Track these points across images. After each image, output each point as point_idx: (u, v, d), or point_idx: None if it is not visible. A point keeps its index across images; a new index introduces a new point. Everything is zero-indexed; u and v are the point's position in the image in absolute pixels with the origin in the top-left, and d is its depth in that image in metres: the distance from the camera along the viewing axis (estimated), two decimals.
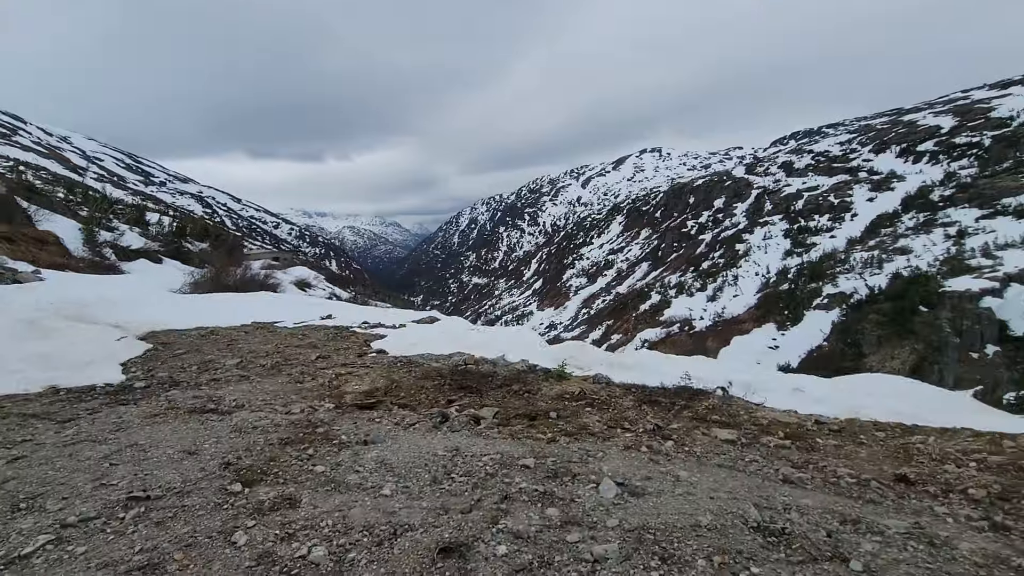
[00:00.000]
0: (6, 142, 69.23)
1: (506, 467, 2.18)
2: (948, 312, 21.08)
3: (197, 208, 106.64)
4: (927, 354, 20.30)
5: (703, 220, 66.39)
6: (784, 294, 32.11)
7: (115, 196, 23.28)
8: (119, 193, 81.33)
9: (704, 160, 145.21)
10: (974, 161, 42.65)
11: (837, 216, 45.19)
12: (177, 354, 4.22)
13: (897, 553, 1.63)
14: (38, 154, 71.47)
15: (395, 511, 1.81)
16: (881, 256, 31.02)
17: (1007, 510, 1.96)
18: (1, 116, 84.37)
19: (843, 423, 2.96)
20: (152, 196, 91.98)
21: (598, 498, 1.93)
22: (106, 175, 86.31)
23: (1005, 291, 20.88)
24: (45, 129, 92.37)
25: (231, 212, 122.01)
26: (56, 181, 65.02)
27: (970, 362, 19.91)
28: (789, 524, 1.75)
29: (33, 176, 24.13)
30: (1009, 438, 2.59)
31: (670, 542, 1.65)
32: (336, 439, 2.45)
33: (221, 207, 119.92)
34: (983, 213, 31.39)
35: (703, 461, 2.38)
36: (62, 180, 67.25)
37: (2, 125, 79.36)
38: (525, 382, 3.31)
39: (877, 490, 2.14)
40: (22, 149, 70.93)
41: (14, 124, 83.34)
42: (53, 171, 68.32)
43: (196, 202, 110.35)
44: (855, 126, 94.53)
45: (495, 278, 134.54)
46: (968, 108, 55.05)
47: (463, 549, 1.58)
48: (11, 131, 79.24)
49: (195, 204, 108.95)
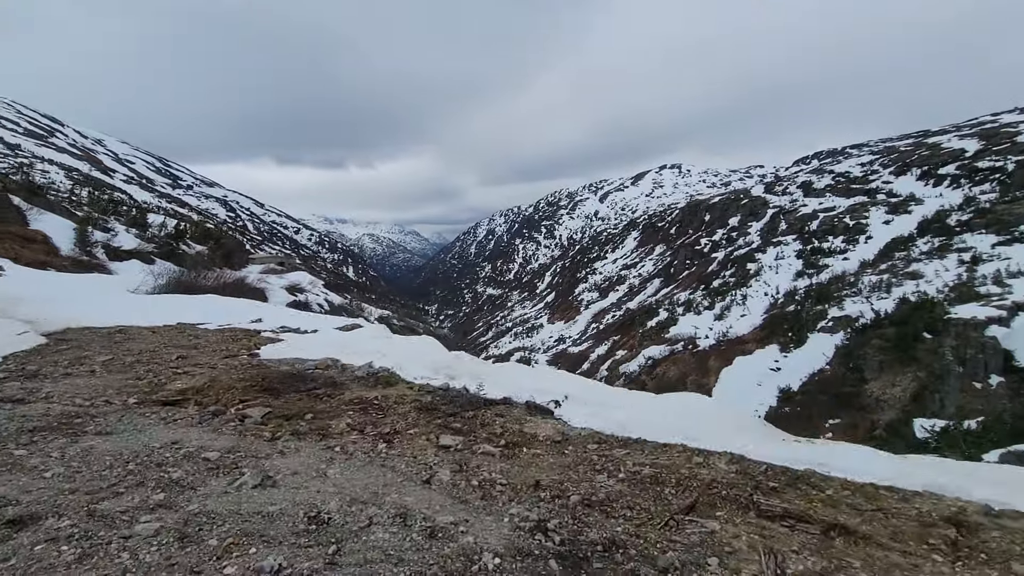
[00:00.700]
0: (42, 143, 72.49)
1: (189, 458, 2.26)
2: (952, 340, 20.37)
3: (221, 211, 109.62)
4: (928, 382, 19.62)
5: (717, 238, 65.61)
6: (790, 315, 31.42)
7: (119, 197, 24.02)
8: (145, 195, 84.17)
9: (724, 178, 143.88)
10: (996, 186, 41.40)
11: (852, 238, 44.15)
12: (62, 350, 4.36)
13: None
14: (72, 156, 74.59)
15: (31, 490, 1.89)
16: (891, 280, 30.16)
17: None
18: (40, 118, 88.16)
19: (582, 434, 3.01)
20: (177, 199, 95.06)
21: (226, 487, 2.01)
22: (135, 177, 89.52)
23: (1012, 320, 20.12)
24: (81, 132, 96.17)
25: (253, 216, 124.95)
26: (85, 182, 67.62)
27: (972, 392, 19.13)
28: (349, 516, 1.83)
29: (41, 177, 25.15)
30: (719, 455, 2.62)
31: (214, 526, 1.73)
32: (77, 429, 2.52)
33: (244, 211, 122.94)
34: (1000, 239, 30.35)
35: (378, 461, 2.46)
36: (92, 181, 70.01)
37: (41, 127, 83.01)
38: (338, 386, 3.33)
39: (499, 489, 2.23)
40: (56, 150, 74.14)
41: (51, 127, 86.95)
42: (84, 172, 71.16)
43: (220, 206, 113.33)
44: (880, 147, 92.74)
45: (509, 290, 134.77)
46: (995, 132, 53.62)
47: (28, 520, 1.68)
48: (48, 133, 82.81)
49: (219, 208, 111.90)
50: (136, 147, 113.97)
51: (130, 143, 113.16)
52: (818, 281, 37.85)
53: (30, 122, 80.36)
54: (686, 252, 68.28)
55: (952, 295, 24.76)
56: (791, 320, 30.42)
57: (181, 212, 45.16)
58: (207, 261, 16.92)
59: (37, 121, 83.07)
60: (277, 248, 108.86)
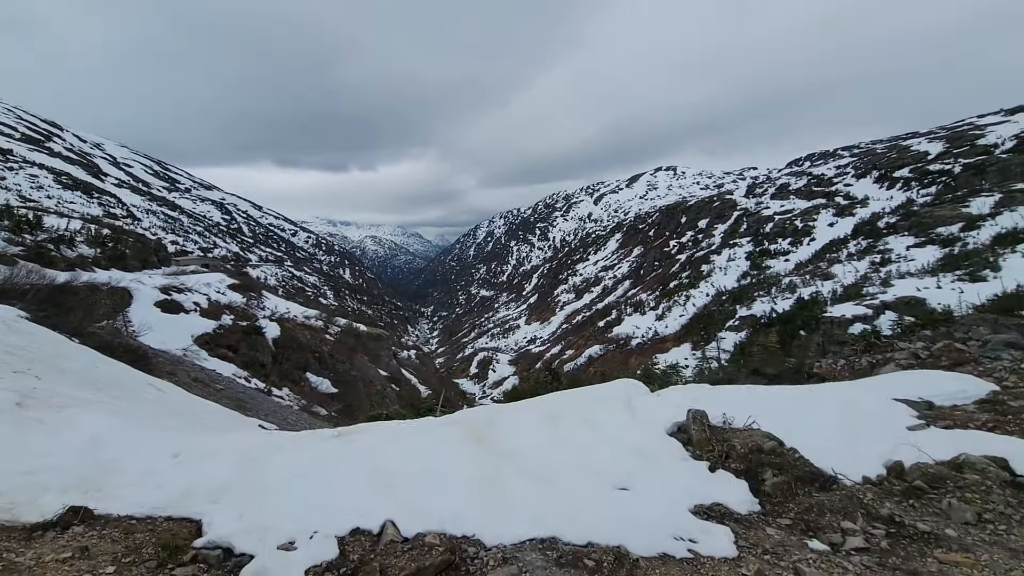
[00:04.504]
0: (36, 148, 75.22)
1: None
2: (819, 336, 21.20)
3: (216, 214, 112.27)
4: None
5: (685, 240, 66.32)
6: (705, 316, 32.30)
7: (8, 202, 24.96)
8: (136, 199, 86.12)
9: (718, 180, 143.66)
10: (942, 188, 41.81)
11: (797, 240, 44.75)
12: None
13: None
14: (65, 160, 77.31)
15: None
16: (802, 280, 30.91)
17: None
18: (40, 123, 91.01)
19: None
20: (171, 202, 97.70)
21: None
22: (129, 181, 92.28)
23: (877, 318, 20.91)
24: (79, 136, 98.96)
25: (250, 219, 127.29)
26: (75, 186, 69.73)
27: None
28: None
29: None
30: None
31: None
32: None
33: (241, 214, 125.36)
34: (916, 241, 30.91)
35: None
36: (81, 185, 72.27)
37: (39, 132, 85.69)
38: None
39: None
40: (49, 155, 76.77)
41: (50, 131, 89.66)
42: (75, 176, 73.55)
43: (216, 209, 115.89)
44: (864, 149, 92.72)
45: (500, 291, 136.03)
46: (960, 135, 53.77)
47: None
48: (45, 137, 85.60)
49: (215, 211, 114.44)
50: (135, 151, 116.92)
51: (129, 147, 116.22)
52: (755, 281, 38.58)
53: (28, 127, 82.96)
54: (655, 254, 69.05)
55: (839, 295, 25.51)
56: (705, 320, 31.29)
57: (96, 217, 45.98)
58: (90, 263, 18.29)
59: (35, 126, 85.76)
60: (270, 251, 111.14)
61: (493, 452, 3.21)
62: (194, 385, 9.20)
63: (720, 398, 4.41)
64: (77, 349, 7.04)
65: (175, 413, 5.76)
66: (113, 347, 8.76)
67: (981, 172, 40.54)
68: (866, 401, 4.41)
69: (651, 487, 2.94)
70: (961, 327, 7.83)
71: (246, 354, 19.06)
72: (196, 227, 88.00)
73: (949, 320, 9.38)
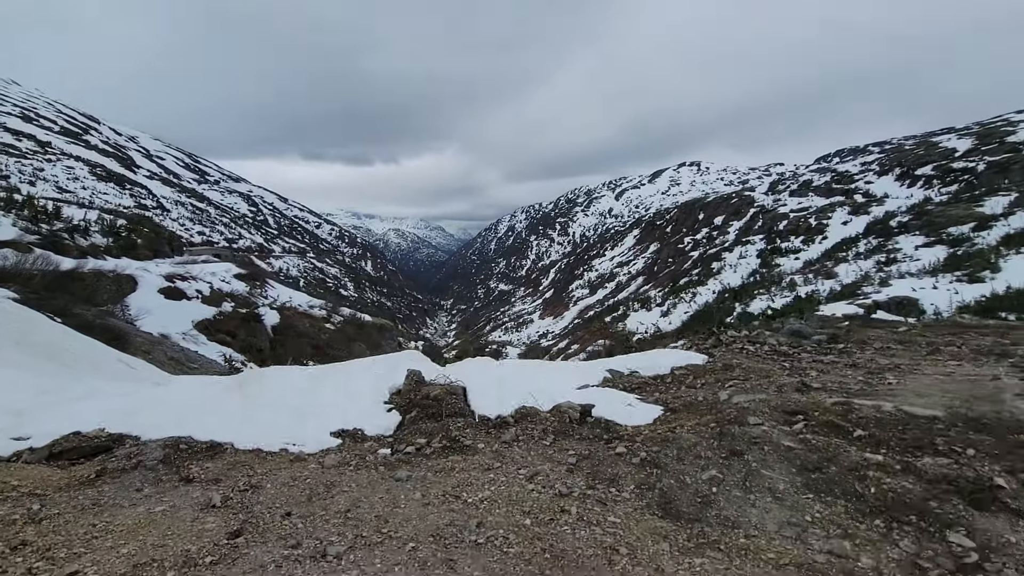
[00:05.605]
0: (73, 141, 78.86)
1: None
2: None
3: (243, 206, 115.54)
4: None
5: (699, 237, 65.64)
6: (706, 312, 32.24)
7: (33, 193, 26.07)
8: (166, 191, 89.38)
9: (743, 176, 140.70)
10: (963, 187, 40.45)
11: (810, 238, 43.89)
12: None
13: None
14: (101, 153, 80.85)
15: None
16: (804, 278, 30.53)
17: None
18: (78, 117, 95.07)
19: None
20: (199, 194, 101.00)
21: None
22: (160, 173, 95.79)
23: (868, 317, 20.70)
24: (116, 129, 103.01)
25: (276, 211, 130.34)
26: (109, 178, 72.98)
27: None
28: None
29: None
30: None
31: None
32: None
33: (267, 206, 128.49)
34: (925, 241, 30.10)
35: None
36: (115, 177, 75.56)
37: (77, 125, 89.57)
38: None
39: None
40: (86, 147, 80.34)
41: (88, 124, 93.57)
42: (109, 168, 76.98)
43: (243, 200, 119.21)
44: (895, 145, 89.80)
45: (518, 286, 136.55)
46: (992, 130, 51.75)
47: None
48: (83, 130, 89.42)
49: (242, 202, 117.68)
50: (168, 144, 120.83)
51: (162, 140, 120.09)
52: (764, 279, 38.14)
53: (67, 120, 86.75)
54: (669, 250, 68.50)
55: (835, 293, 25.19)
56: (705, 317, 31.25)
57: (115, 207, 47.89)
58: (102, 251, 19.58)
59: (74, 120, 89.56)
60: (293, 242, 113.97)
61: (249, 396, 4.29)
62: (167, 363, 10.08)
63: (497, 369, 5.65)
64: (49, 326, 7.90)
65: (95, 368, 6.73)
66: (93, 327, 9.67)
67: (1005, 170, 39.08)
68: (591, 368, 5.71)
69: (339, 414, 3.90)
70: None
71: (244, 339, 20.16)
72: (223, 218, 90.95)
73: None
